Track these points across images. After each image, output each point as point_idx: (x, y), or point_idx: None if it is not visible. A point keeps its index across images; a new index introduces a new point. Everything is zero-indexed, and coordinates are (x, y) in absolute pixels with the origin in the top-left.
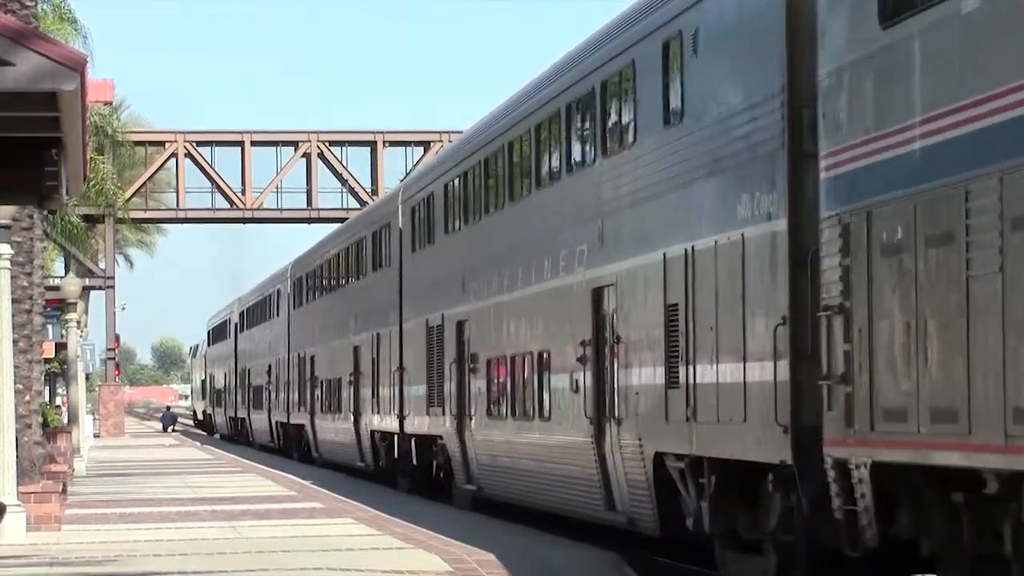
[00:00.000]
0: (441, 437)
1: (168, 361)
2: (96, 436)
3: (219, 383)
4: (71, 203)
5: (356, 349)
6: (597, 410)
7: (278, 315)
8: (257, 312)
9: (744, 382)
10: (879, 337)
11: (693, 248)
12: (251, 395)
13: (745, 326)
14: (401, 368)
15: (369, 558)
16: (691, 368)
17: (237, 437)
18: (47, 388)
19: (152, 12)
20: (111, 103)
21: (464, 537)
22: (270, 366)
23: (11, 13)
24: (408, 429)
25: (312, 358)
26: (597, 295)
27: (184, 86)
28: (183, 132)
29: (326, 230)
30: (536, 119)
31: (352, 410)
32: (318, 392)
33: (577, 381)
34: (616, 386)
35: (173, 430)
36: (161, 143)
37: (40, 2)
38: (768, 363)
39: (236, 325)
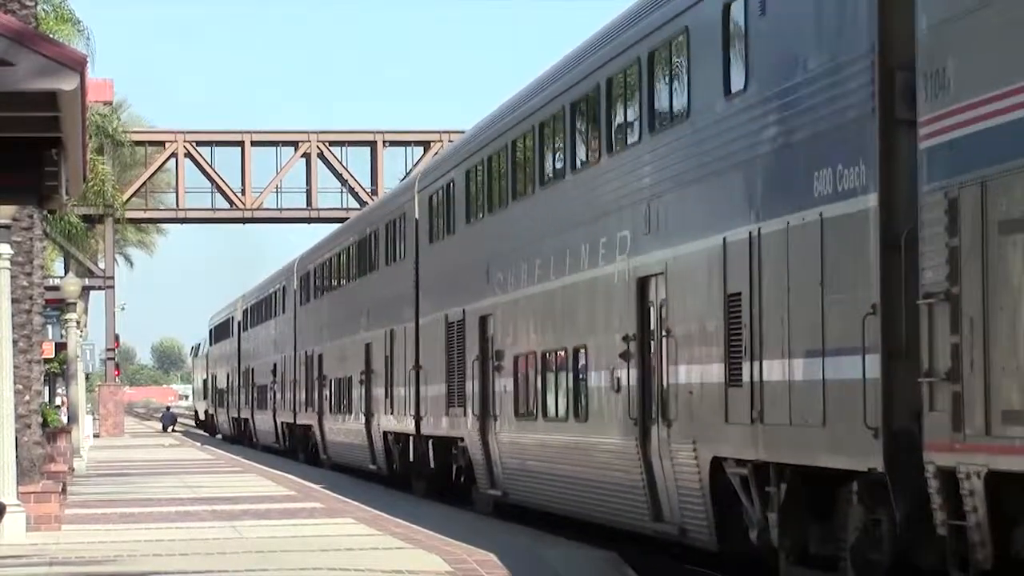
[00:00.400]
0: (462, 439)
1: (168, 361)
2: (96, 436)
3: (221, 383)
4: (71, 203)
5: (368, 347)
6: (642, 410)
7: (283, 312)
8: (261, 310)
9: (823, 379)
10: (997, 327)
11: (759, 231)
12: (255, 395)
13: (824, 317)
14: (417, 366)
15: (369, 558)
16: (757, 364)
17: (240, 438)
18: (47, 388)
19: (152, 12)
20: (111, 103)
21: (464, 537)
22: (275, 365)
23: (11, 13)
24: (425, 431)
25: (320, 356)
26: (642, 285)
27: (184, 86)
28: (183, 132)
29: (326, 230)
30: (571, 97)
31: (363, 410)
32: (326, 392)
33: (619, 379)
34: (665, 384)
35: (173, 430)
36: (161, 143)
37: (40, 2)
38: (854, 358)
39: (239, 323)
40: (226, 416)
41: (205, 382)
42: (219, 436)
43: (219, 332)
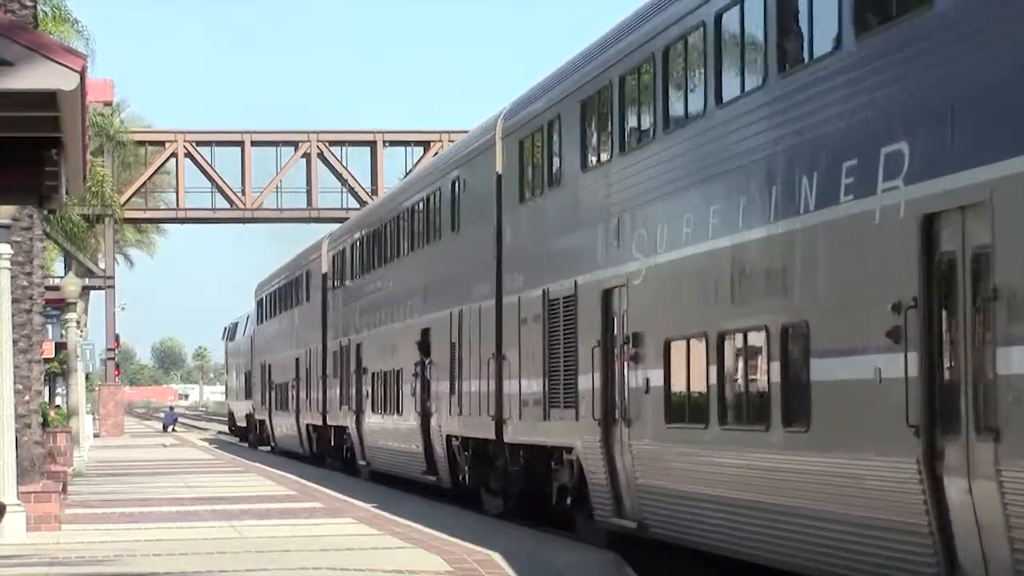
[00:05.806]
0: None
1: (168, 361)
2: (96, 436)
3: (281, 374)
4: (70, 202)
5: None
6: None
7: (439, 237)
8: (382, 242)
9: None
10: None
11: None
12: (367, 389)
13: None
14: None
15: (369, 558)
16: None
17: (322, 455)
18: (47, 388)
19: (152, 12)
20: (111, 103)
21: (464, 537)
22: (426, 332)
23: (11, 13)
24: None
25: (567, 300)
26: None
27: (184, 86)
28: (183, 132)
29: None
30: None
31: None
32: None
33: None
34: None
35: (173, 430)
36: (161, 143)
37: (39, 3)
38: None
39: (326, 277)
40: (292, 423)
41: (248, 375)
42: (269, 449)
43: (277, 300)
